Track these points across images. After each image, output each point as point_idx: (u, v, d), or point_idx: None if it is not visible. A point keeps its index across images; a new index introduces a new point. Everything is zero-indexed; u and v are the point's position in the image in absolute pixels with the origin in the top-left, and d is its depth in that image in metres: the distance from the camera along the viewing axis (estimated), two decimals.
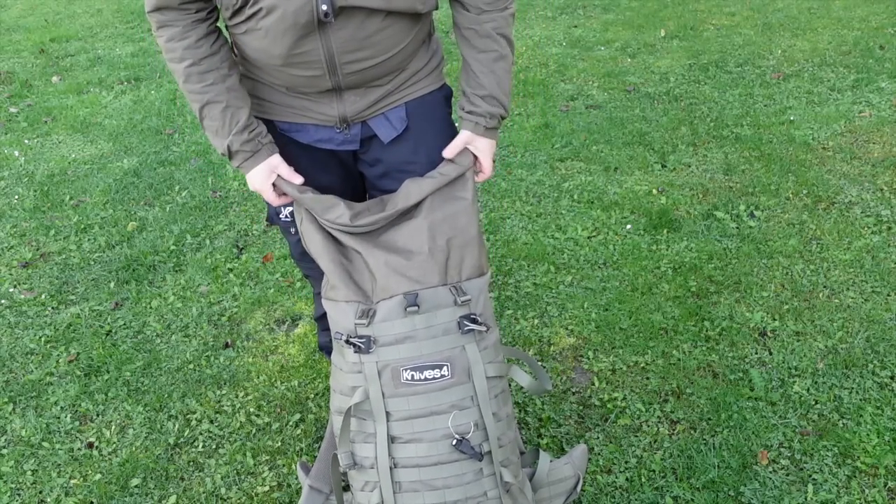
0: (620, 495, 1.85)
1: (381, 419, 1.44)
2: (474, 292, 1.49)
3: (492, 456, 1.47)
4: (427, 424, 1.44)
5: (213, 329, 2.50)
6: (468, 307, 1.47)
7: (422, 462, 1.45)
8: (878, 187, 2.97)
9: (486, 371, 1.46)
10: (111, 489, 1.96)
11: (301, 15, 1.32)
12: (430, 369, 1.43)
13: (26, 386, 2.32)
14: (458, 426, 1.44)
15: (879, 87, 3.80)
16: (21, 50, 5.46)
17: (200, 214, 3.16)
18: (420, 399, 1.44)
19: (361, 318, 1.45)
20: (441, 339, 1.45)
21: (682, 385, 2.14)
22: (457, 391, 1.45)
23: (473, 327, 1.45)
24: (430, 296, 1.45)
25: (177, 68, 1.44)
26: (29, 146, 3.94)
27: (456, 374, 1.44)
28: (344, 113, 1.52)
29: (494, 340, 1.52)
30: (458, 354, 1.45)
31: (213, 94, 1.45)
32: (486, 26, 1.48)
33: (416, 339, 1.44)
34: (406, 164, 1.61)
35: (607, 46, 4.68)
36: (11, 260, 2.96)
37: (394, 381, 1.43)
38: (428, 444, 1.44)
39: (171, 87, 4.56)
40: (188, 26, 1.41)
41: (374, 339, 1.44)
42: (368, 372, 1.44)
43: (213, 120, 1.46)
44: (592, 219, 2.92)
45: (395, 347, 1.44)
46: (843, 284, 2.47)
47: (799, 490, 1.82)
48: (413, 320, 1.44)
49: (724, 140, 3.43)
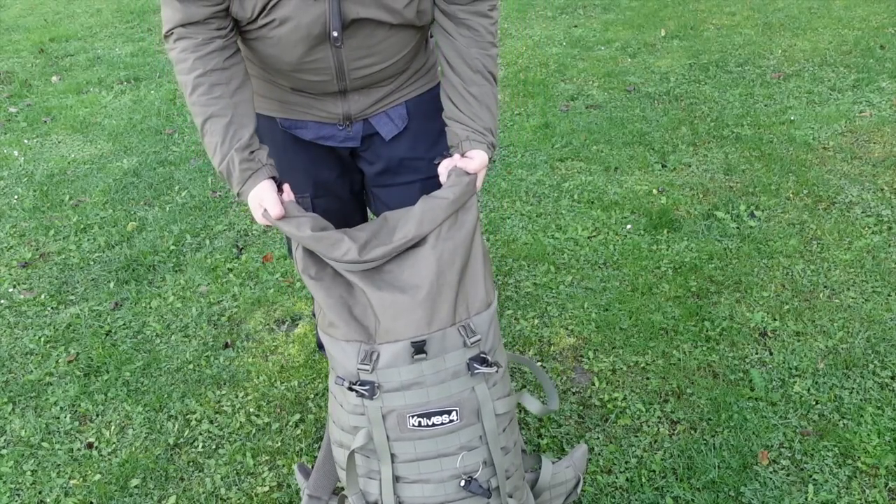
0: (620, 495, 1.84)
1: (385, 460, 1.38)
2: (483, 328, 1.40)
3: (499, 490, 1.43)
4: (434, 466, 1.38)
5: (213, 329, 2.50)
6: (478, 347, 1.38)
7: (428, 501, 1.40)
8: (878, 187, 2.97)
9: (495, 409, 1.41)
10: (111, 489, 1.96)
11: (314, 27, 1.33)
12: (439, 415, 1.36)
13: (26, 386, 2.32)
14: (466, 466, 1.39)
15: (880, 87, 3.80)
16: (20, 50, 5.46)
17: (200, 214, 3.16)
18: (427, 443, 1.38)
19: (364, 363, 1.35)
20: (450, 383, 1.36)
21: (683, 385, 2.13)
22: (466, 433, 1.39)
23: (483, 370, 1.37)
24: (438, 340, 1.36)
25: (186, 80, 1.38)
26: (28, 146, 3.93)
27: (465, 417, 1.37)
28: (347, 111, 1.54)
29: (503, 373, 1.45)
30: (467, 397, 1.37)
31: (218, 108, 1.38)
32: (475, 62, 1.46)
33: (423, 384, 1.35)
34: (406, 160, 1.62)
35: (607, 46, 4.68)
36: (11, 260, 2.96)
37: (399, 426, 1.36)
38: (435, 484, 1.39)
39: (170, 87, 4.56)
40: (205, 40, 1.37)
41: (378, 385, 1.35)
42: (372, 416, 1.37)
43: (214, 135, 1.39)
44: (592, 219, 2.91)
45: (402, 394, 1.36)
46: (844, 284, 2.47)
47: (799, 490, 1.82)
48: (421, 366, 1.35)
49: (725, 140, 3.43)
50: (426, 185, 1.63)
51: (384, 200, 1.69)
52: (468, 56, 1.46)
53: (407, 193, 1.64)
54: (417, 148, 1.62)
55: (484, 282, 1.42)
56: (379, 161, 1.64)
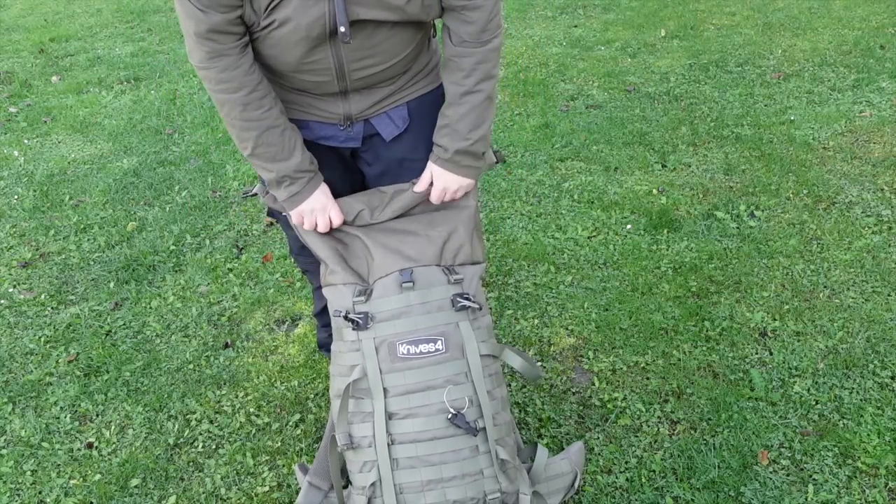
0: (620, 495, 1.84)
1: (378, 395, 1.48)
2: (467, 275, 1.55)
3: (486, 433, 1.49)
4: (423, 399, 1.47)
5: (213, 329, 2.50)
6: (461, 286, 1.53)
7: (418, 437, 1.47)
8: (878, 187, 2.97)
9: (479, 349, 1.51)
10: (111, 489, 1.96)
11: (314, 28, 1.34)
12: (425, 343, 1.48)
13: (26, 386, 2.32)
14: (453, 401, 1.48)
15: (880, 87, 3.80)
16: (20, 50, 5.46)
17: (200, 214, 3.16)
18: (416, 373, 1.48)
19: (359, 297, 1.51)
20: (435, 314, 1.50)
21: (683, 385, 2.13)
22: (451, 366, 1.49)
23: (466, 304, 1.50)
24: (424, 273, 1.52)
25: (232, 98, 1.41)
26: (28, 146, 3.94)
27: (450, 349, 1.49)
28: (348, 111, 1.54)
29: (487, 323, 1.57)
30: (452, 331, 1.50)
31: (273, 119, 1.45)
32: (466, 60, 1.47)
33: (411, 314, 1.49)
34: (406, 161, 1.63)
35: (607, 46, 4.68)
36: (11, 260, 2.96)
37: (390, 355, 1.48)
38: (424, 418, 1.47)
39: (170, 86, 4.56)
40: (239, 54, 1.38)
41: (371, 316, 1.49)
42: (366, 348, 1.49)
43: (272, 146, 1.46)
44: (592, 219, 2.91)
45: (392, 323, 1.49)
46: (844, 284, 2.47)
47: (799, 490, 1.82)
48: (408, 296, 1.50)
49: (725, 140, 3.43)
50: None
51: None
52: (460, 53, 1.47)
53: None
54: (418, 149, 1.62)
55: (475, 246, 1.59)
56: (379, 162, 1.65)
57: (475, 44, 1.45)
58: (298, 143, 1.50)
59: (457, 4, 1.42)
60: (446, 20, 1.47)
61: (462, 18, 1.43)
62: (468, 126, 1.51)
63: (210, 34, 1.34)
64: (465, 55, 1.46)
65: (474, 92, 1.48)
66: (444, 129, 1.53)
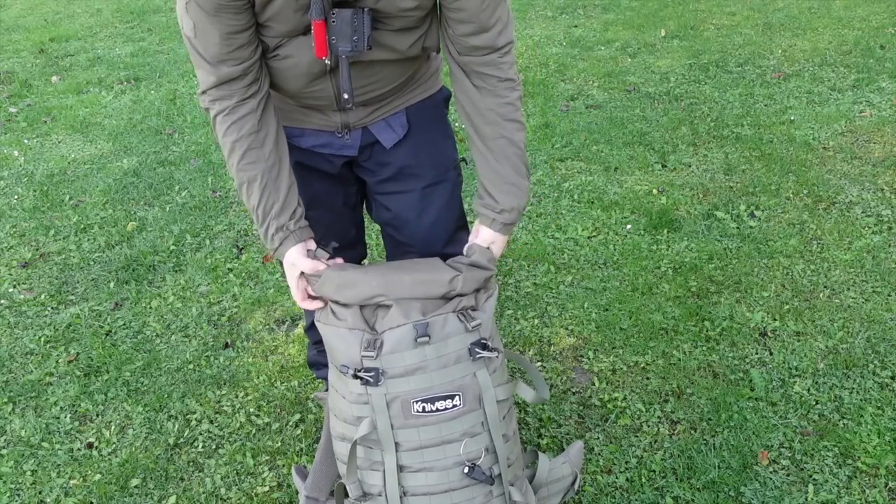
0: (620, 495, 1.84)
1: (389, 449, 1.40)
2: (484, 318, 1.43)
3: (502, 478, 1.45)
4: (438, 454, 1.40)
5: (213, 329, 2.50)
6: (478, 332, 1.41)
7: (433, 490, 1.41)
8: (878, 187, 2.97)
9: (496, 395, 1.43)
10: (111, 489, 1.96)
11: (314, 66, 1.37)
12: (442, 400, 1.38)
13: (26, 386, 2.32)
14: (469, 453, 1.41)
15: (880, 87, 3.80)
16: (20, 50, 5.46)
17: (200, 214, 3.16)
18: (431, 430, 1.39)
19: (368, 350, 1.37)
20: (452, 368, 1.39)
21: (683, 385, 2.13)
22: (468, 419, 1.41)
23: (485, 354, 1.40)
24: (439, 324, 1.38)
25: (223, 141, 1.42)
26: (28, 146, 3.94)
27: (467, 402, 1.40)
28: (346, 120, 1.55)
29: (501, 360, 1.48)
30: (469, 382, 1.40)
31: (254, 173, 1.42)
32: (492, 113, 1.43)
33: (426, 369, 1.37)
34: (406, 168, 1.62)
35: (607, 46, 4.68)
36: (11, 260, 2.96)
37: (403, 412, 1.38)
38: (439, 472, 1.41)
39: (170, 86, 4.56)
40: (239, 101, 1.37)
41: (382, 372, 1.37)
42: (376, 404, 1.38)
43: (252, 198, 1.44)
44: (592, 219, 2.91)
45: (406, 379, 1.38)
46: (844, 284, 2.47)
47: (799, 490, 1.82)
48: (424, 351, 1.37)
49: (725, 140, 3.43)
50: (427, 192, 1.63)
51: (387, 207, 1.68)
52: (483, 108, 1.43)
53: (409, 200, 1.64)
54: (419, 155, 1.61)
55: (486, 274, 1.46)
56: (381, 169, 1.64)
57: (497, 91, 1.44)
58: (276, 206, 1.45)
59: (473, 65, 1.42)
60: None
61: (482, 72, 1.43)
62: (516, 157, 1.47)
63: (219, 85, 1.37)
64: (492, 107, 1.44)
65: (506, 138, 1.45)
66: (506, 187, 1.46)
